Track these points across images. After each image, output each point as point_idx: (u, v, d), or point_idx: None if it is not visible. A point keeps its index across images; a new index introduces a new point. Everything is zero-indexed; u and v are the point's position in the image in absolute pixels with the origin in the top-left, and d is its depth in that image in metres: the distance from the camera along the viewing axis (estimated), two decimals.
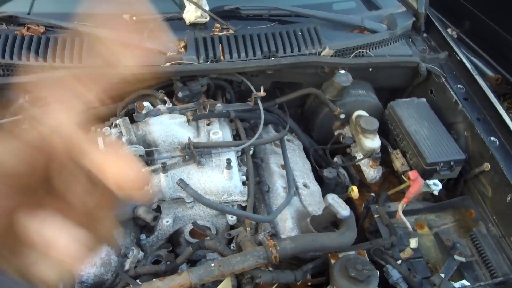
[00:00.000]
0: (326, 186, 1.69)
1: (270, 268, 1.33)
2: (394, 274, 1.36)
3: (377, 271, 1.32)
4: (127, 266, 1.33)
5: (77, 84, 1.71)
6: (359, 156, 1.73)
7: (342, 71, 1.69)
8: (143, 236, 1.43)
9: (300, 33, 1.75)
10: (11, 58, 1.57)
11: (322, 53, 1.73)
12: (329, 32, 1.80)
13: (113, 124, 1.46)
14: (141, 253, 1.37)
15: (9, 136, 0.44)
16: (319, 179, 1.70)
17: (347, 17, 1.87)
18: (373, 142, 1.65)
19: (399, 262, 1.41)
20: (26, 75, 1.58)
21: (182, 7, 1.79)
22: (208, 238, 1.37)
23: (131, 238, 1.42)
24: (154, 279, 1.20)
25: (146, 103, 1.50)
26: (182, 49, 1.65)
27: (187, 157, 1.42)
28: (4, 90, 1.60)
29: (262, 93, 1.62)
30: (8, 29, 1.70)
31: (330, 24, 1.84)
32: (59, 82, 1.73)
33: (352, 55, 1.78)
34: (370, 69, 1.79)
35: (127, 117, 1.46)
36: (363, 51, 1.80)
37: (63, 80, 1.71)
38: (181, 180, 1.32)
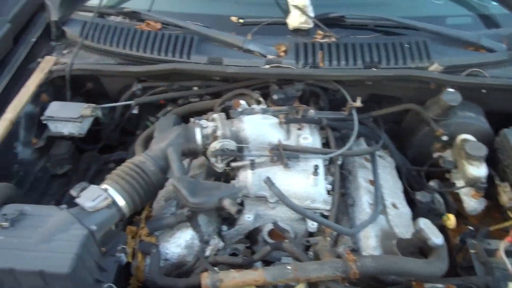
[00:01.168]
0: (417, 211, 1.58)
1: (347, 284, 1.28)
2: None
3: None
4: (207, 253, 1.38)
5: (182, 77, 1.86)
6: (459, 183, 1.59)
7: (451, 90, 1.57)
8: (224, 228, 1.48)
9: (407, 45, 1.67)
10: (131, 49, 1.74)
11: (430, 68, 1.63)
12: (439, 47, 1.70)
13: (210, 118, 1.53)
14: (222, 243, 1.42)
15: None
16: (410, 202, 1.60)
17: (463, 32, 1.75)
18: (479, 170, 1.51)
19: None
20: (141, 65, 1.74)
21: (286, 12, 1.83)
22: (286, 240, 1.37)
23: (213, 227, 1.47)
24: (231, 269, 1.24)
25: (242, 102, 1.55)
26: (282, 53, 1.68)
27: (275, 158, 1.44)
28: (122, 77, 1.78)
29: (358, 103, 1.58)
30: (130, 23, 1.89)
31: (440, 39, 1.73)
32: (167, 74, 1.88)
33: (465, 73, 1.65)
34: (483, 91, 1.64)
35: (223, 113, 1.53)
36: (477, 71, 1.66)
37: (172, 72, 1.87)
38: (268, 178, 1.34)
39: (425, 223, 1.26)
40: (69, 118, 1.66)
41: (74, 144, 1.87)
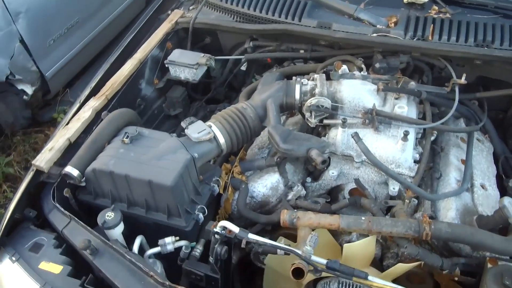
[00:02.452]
0: None
1: (418, 245, 1.31)
2: None
3: None
4: (289, 197, 1.51)
5: (291, 39, 1.97)
6: None
7: None
8: (308, 179, 1.59)
9: None
10: (248, 8, 1.90)
11: None
12: None
13: (311, 78, 1.63)
14: (304, 191, 1.53)
15: None
16: (502, 190, 1.55)
17: None
18: None
19: None
20: (255, 24, 1.89)
21: None
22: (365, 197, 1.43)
23: (298, 178, 1.59)
24: (309, 211, 1.35)
25: (343, 66, 1.62)
26: (392, 24, 1.70)
27: (367, 121, 1.50)
28: (237, 34, 1.95)
29: (462, 80, 1.56)
30: None
31: None
32: (278, 35, 2.01)
33: None
34: None
35: (324, 74, 1.62)
36: None
37: (283, 34, 1.99)
38: (356, 133, 1.41)
39: (510, 202, 1.24)
40: (187, 64, 1.88)
41: (187, 92, 2.12)
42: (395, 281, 1.32)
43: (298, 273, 1.18)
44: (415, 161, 1.47)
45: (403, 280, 1.38)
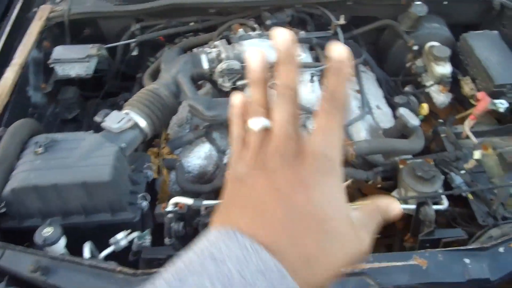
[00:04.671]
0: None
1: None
2: (457, 179, 1.49)
3: (441, 175, 1.47)
4: (225, 160, 1.57)
5: (180, 14, 1.99)
6: (429, 83, 1.84)
7: (418, 2, 1.80)
8: None
9: None
10: None
11: None
12: None
13: (212, 45, 1.69)
14: None
15: None
16: (391, 107, 1.84)
17: None
18: (445, 68, 1.76)
19: (462, 172, 1.54)
20: (137, 4, 1.84)
21: None
22: None
23: (227, 141, 1.66)
24: None
25: (240, 28, 1.71)
26: None
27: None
28: (120, 19, 1.88)
29: (342, 21, 1.78)
30: None
31: None
32: (165, 11, 2.01)
33: None
34: (445, 3, 1.88)
35: (224, 40, 1.69)
36: None
37: (171, 9, 1.99)
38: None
39: (404, 110, 1.52)
40: (76, 58, 1.76)
41: (79, 91, 1.98)
42: None
43: None
44: None
45: None
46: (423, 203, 1.32)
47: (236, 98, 0.42)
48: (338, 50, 0.38)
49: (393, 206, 0.42)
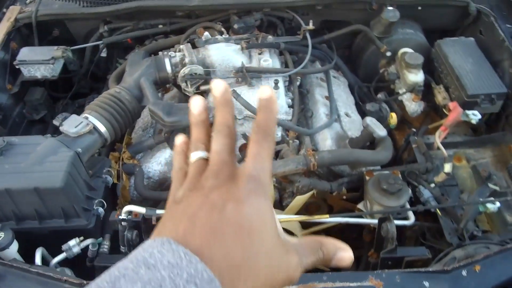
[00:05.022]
0: None
1: (308, 177, 1.48)
2: (426, 193, 1.44)
3: (408, 188, 1.43)
4: None
5: (147, 16, 1.95)
6: (402, 91, 1.81)
7: (390, 7, 1.76)
8: None
9: None
10: None
11: None
12: None
13: (177, 49, 1.66)
14: None
15: None
16: (362, 115, 1.81)
17: None
18: (417, 76, 1.72)
19: (432, 185, 1.50)
20: (105, 6, 1.82)
21: None
22: None
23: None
24: None
25: (205, 32, 1.68)
26: None
27: (240, 79, 1.60)
28: (88, 20, 1.85)
29: (310, 26, 1.74)
30: None
31: None
32: (133, 13, 1.97)
33: None
34: (419, 8, 1.84)
35: (189, 44, 1.66)
36: None
37: (138, 11, 1.95)
38: (234, 91, 1.50)
39: (371, 120, 1.48)
40: (41, 60, 1.74)
41: (47, 92, 1.95)
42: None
43: None
44: (289, 106, 1.62)
45: (303, 212, 1.54)
46: (385, 219, 1.28)
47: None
48: (265, 91, 0.47)
49: (342, 255, 0.45)
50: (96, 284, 0.34)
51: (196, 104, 0.47)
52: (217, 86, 0.46)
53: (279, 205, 1.57)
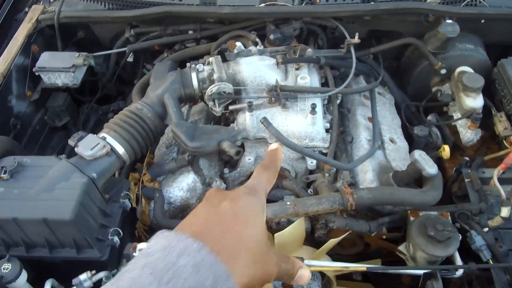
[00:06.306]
0: (415, 145, 1.60)
1: (345, 216, 1.32)
2: (478, 240, 1.26)
3: (459, 234, 1.25)
4: None
5: (176, 21, 1.78)
6: (457, 115, 1.59)
7: (449, 21, 1.53)
8: (226, 170, 1.50)
9: None
10: None
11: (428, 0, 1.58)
12: None
13: (206, 62, 1.51)
14: (224, 185, 1.45)
15: None
16: (409, 137, 1.62)
17: None
18: (475, 102, 1.51)
19: (485, 229, 1.31)
20: (131, 10, 1.68)
21: None
22: (287, 179, 1.39)
23: (215, 170, 1.49)
24: None
25: (238, 43, 1.51)
26: None
27: (273, 99, 1.43)
28: (113, 24, 1.72)
29: (356, 39, 1.55)
30: None
31: None
32: (160, 18, 1.79)
33: (463, 3, 1.60)
34: (482, 21, 1.60)
35: (219, 56, 1.50)
36: (476, 0, 1.60)
37: (166, 16, 1.78)
38: (264, 118, 1.34)
39: (420, 155, 1.28)
40: (61, 68, 1.63)
41: (71, 96, 1.86)
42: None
43: None
44: (326, 130, 1.45)
45: (337, 247, 1.39)
46: (430, 276, 1.11)
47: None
48: (273, 146, 0.61)
49: (304, 272, 0.54)
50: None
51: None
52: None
53: (311, 236, 1.42)
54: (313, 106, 1.36)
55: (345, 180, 1.39)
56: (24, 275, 1.20)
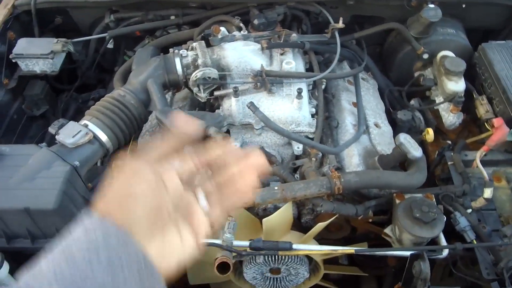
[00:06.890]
0: (398, 129, 1.61)
1: (332, 200, 1.32)
2: (462, 222, 1.29)
3: (444, 216, 1.27)
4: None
5: (157, 6, 1.73)
6: (439, 100, 1.61)
7: (431, 5, 1.54)
8: None
9: None
10: None
11: None
12: None
13: (189, 47, 1.48)
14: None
15: None
16: (392, 122, 1.63)
17: None
18: (457, 85, 1.53)
19: (469, 211, 1.33)
20: None
21: None
22: (273, 165, 1.39)
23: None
24: None
25: (222, 28, 1.49)
26: None
27: (258, 84, 1.42)
28: (92, 9, 1.67)
29: (340, 24, 1.54)
30: None
31: None
32: (141, 3, 1.73)
33: None
34: (463, 6, 1.62)
35: (203, 41, 1.48)
36: None
37: (147, 1, 1.72)
38: (251, 103, 1.33)
39: (405, 138, 1.29)
40: (39, 54, 1.57)
41: (49, 84, 1.80)
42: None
43: (223, 267, 1.11)
44: (312, 115, 1.44)
45: (323, 232, 1.39)
46: (417, 256, 1.13)
47: None
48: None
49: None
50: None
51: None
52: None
53: (298, 221, 1.42)
54: (299, 91, 1.35)
55: (332, 164, 1.39)
56: (6, 267, 1.18)
